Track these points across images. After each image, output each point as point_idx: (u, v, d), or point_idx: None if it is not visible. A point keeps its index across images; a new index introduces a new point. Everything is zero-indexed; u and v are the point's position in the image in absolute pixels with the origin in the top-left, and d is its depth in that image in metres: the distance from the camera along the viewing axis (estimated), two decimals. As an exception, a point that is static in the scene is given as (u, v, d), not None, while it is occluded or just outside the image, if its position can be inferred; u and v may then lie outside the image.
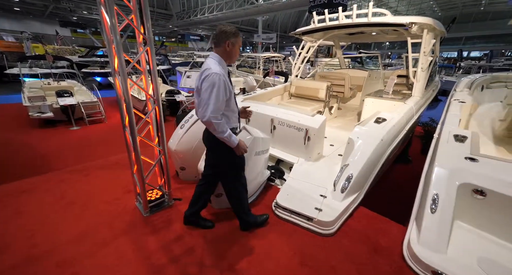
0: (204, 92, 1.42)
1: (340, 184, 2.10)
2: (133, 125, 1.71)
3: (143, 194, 1.94)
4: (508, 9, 24.13)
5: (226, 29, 1.49)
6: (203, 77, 1.43)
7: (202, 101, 1.43)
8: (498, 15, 24.80)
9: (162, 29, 27.79)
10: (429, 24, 3.11)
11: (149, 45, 1.68)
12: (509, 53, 25.75)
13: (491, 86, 4.89)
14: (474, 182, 1.67)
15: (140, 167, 1.84)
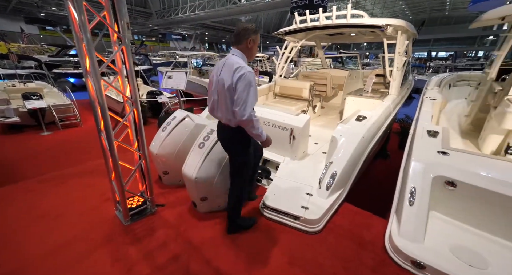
0: (242, 92, 1.38)
1: (325, 181, 2.12)
2: (109, 129, 1.59)
3: (123, 202, 1.82)
4: (468, 14, 26.36)
5: (247, 26, 1.49)
6: (238, 75, 1.38)
7: (239, 100, 1.39)
8: (460, 20, 27.05)
9: (141, 27, 26.65)
10: (403, 26, 3.27)
11: (124, 44, 1.57)
12: (470, 54, 28.12)
13: (457, 84, 5.28)
14: (446, 174, 1.77)
15: (119, 174, 1.72)
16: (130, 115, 1.79)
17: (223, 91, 1.45)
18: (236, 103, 1.41)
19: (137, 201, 2.03)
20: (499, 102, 2.70)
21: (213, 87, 1.55)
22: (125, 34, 1.56)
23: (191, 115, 2.45)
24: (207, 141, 1.95)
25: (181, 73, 2.98)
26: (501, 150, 2.59)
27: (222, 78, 1.45)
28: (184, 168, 1.93)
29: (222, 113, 1.54)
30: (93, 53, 1.44)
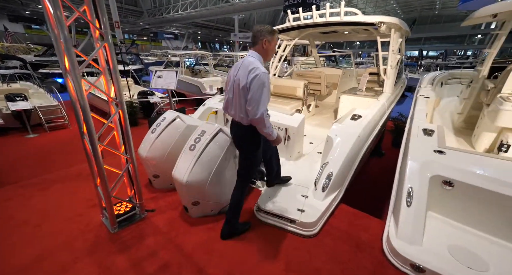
0: (256, 92, 1.44)
1: (320, 183, 2.07)
2: (92, 133, 1.48)
3: (109, 208, 1.72)
4: (458, 13, 26.94)
5: (261, 28, 1.54)
6: (253, 76, 1.44)
7: (252, 100, 1.45)
8: (450, 19, 27.60)
9: (132, 26, 26.11)
10: (396, 24, 3.25)
11: (106, 41, 1.47)
12: (459, 53, 28.76)
13: (449, 82, 5.34)
14: (443, 173, 1.74)
15: (104, 179, 1.62)
16: (115, 117, 1.69)
17: (238, 90, 1.51)
18: (250, 102, 1.46)
19: (125, 207, 1.93)
20: (492, 99, 2.71)
21: (229, 86, 1.61)
22: (107, 30, 1.46)
23: (182, 115, 2.36)
24: (198, 143, 1.87)
25: (171, 73, 2.88)
26: (494, 147, 2.60)
27: (238, 78, 1.51)
28: (175, 172, 1.84)
29: (235, 111, 1.60)
30: (72, 51, 1.33)
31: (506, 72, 2.76)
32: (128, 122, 1.70)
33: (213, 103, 3.47)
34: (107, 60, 1.53)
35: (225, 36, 33.46)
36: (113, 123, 1.74)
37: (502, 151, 2.42)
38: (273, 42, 1.58)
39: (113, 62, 1.51)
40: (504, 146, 2.41)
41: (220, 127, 1.94)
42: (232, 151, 1.95)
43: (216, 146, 1.87)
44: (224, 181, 1.94)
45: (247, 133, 1.62)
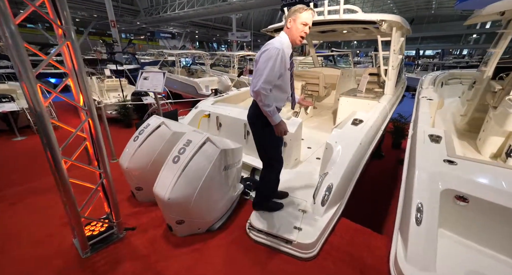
0: (261, 64, 1.43)
1: (320, 196, 1.86)
2: (52, 144, 1.25)
3: (79, 230, 1.48)
4: (454, 13, 26.86)
5: (291, 8, 1.50)
6: (263, 50, 1.44)
7: (256, 72, 1.44)
8: (446, 18, 27.53)
9: (129, 26, 25.62)
10: (398, 22, 3.04)
11: (69, 39, 1.23)
12: (455, 52, 28.72)
13: (449, 82, 5.15)
14: (456, 187, 1.54)
15: (71, 198, 1.39)
16: (86, 126, 1.45)
17: (255, 68, 1.49)
18: (254, 74, 1.45)
19: (100, 226, 1.70)
20: (499, 102, 2.51)
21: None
22: (69, 26, 1.22)
23: (168, 121, 2.13)
24: (182, 154, 1.64)
25: (158, 74, 2.63)
26: (501, 152, 2.41)
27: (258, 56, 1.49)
28: (156, 187, 1.61)
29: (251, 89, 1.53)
30: (22, 51, 1.10)
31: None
32: (100, 132, 1.46)
33: (206, 105, 3.24)
34: (72, 60, 1.29)
35: (222, 36, 33.04)
36: (84, 132, 1.51)
37: (511, 157, 2.23)
38: (298, 20, 1.46)
39: (78, 63, 1.27)
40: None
41: (208, 136, 1.71)
42: (221, 162, 1.73)
43: (203, 158, 1.65)
44: (213, 196, 1.72)
45: (258, 110, 1.54)
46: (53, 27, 1.25)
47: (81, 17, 22.39)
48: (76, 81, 1.30)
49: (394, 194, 3.43)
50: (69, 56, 1.31)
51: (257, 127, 1.64)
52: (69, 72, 1.36)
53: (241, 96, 4.13)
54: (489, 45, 3.00)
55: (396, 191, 3.52)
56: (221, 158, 1.72)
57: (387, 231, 2.37)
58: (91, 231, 1.65)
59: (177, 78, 8.72)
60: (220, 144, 1.74)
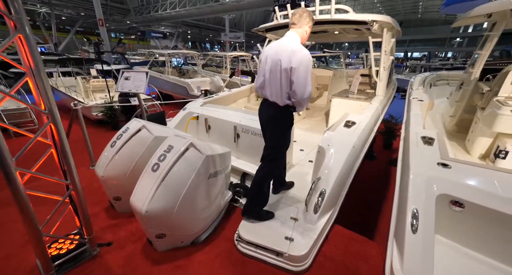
0: (303, 73, 1.46)
1: (312, 202, 1.75)
2: (2, 152, 1.07)
3: (40, 249, 1.29)
4: (438, 17, 27.74)
5: (306, 11, 1.56)
6: (297, 58, 1.44)
7: (300, 81, 1.46)
8: (432, 22, 28.41)
9: (118, 25, 24.91)
10: (389, 23, 2.99)
11: (21, 31, 1.05)
12: (440, 55, 29.67)
13: (437, 83, 5.20)
14: (451, 192, 1.46)
15: (29, 214, 1.20)
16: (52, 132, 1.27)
17: (279, 71, 1.49)
18: (297, 84, 1.47)
19: (70, 243, 1.52)
20: (487, 103, 2.50)
21: (266, 66, 1.57)
22: (21, 17, 1.04)
23: (150, 125, 1.96)
24: (163, 161, 1.48)
25: (140, 74, 2.44)
26: (490, 153, 2.39)
27: (279, 59, 1.48)
28: (133, 199, 1.45)
29: (271, 91, 1.57)
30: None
31: (502, 75, 2.55)
32: (65, 138, 1.28)
33: (195, 107, 3.08)
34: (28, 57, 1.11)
35: (215, 36, 32.71)
36: (48, 139, 1.32)
37: (500, 158, 2.21)
38: (310, 26, 1.60)
39: (35, 60, 1.09)
40: (502, 153, 2.20)
41: (191, 141, 1.56)
42: (207, 169, 1.59)
43: (186, 165, 1.50)
44: (197, 207, 1.58)
45: (280, 113, 1.61)
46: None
47: (67, 15, 21.56)
48: (34, 80, 1.12)
49: (386, 196, 3.38)
50: (24, 52, 1.13)
51: (281, 129, 1.67)
52: (27, 70, 1.18)
53: (232, 97, 3.99)
54: (471, 48, 3.02)
55: (388, 192, 3.48)
56: (207, 165, 1.57)
57: (380, 236, 2.29)
58: (58, 250, 1.46)
59: (167, 78, 8.47)
60: (205, 149, 1.60)
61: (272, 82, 1.53)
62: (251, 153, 2.49)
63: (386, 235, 1.55)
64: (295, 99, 1.51)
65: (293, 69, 1.43)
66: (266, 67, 1.55)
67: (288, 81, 1.48)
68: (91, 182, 2.31)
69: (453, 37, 29.67)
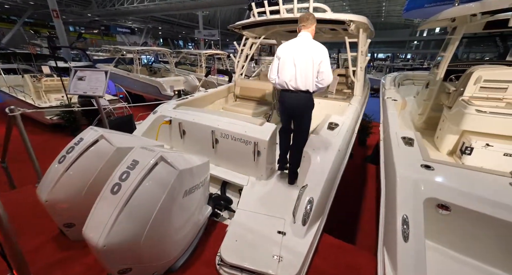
0: (328, 63, 1.87)
1: (300, 213, 1.62)
2: None
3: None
4: (399, 22, 30.28)
5: (312, 15, 1.99)
6: (322, 51, 1.86)
7: (328, 70, 1.88)
8: (393, 26, 30.91)
9: (78, 17, 22.34)
10: (365, 23, 3.01)
11: None
12: (401, 56, 32.47)
13: (404, 83, 5.54)
14: (437, 195, 1.46)
15: None
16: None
17: (310, 64, 1.84)
18: (326, 71, 1.87)
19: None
20: (453, 102, 2.65)
21: (295, 62, 1.87)
22: None
23: (110, 134, 1.64)
24: (125, 180, 1.21)
25: (98, 74, 2.05)
26: (456, 149, 2.54)
27: (310, 55, 1.83)
28: (86, 230, 1.15)
29: (305, 81, 1.88)
30: None
31: (465, 76, 2.73)
32: None
33: (167, 109, 2.76)
34: None
35: (189, 33, 31.32)
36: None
37: (466, 154, 2.34)
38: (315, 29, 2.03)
39: None
40: (468, 149, 2.33)
41: (161, 154, 1.31)
42: (181, 186, 1.35)
43: (155, 184, 1.25)
44: (171, 231, 1.34)
45: (310, 99, 1.99)
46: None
47: (12, 3, 18.58)
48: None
49: (365, 194, 3.46)
50: None
51: (311, 110, 2.04)
52: None
53: (209, 98, 3.72)
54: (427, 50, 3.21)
55: (366, 190, 3.57)
56: (181, 181, 1.34)
57: (365, 240, 2.29)
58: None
59: (136, 77, 7.77)
60: (178, 162, 1.36)
61: (304, 73, 1.86)
62: (231, 160, 2.30)
63: (368, 238, 1.49)
64: (323, 85, 1.92)
65: (322, 62, 1.84)
66: (296, 62, 1.86)
67: (316, 71, 1.86)
68: (35, 204, 1.89)
69: (412, 40, 32.72)
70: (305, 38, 1.90)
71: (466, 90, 2.57)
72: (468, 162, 2.27)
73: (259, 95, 3.92)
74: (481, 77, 2.44)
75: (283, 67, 1.93)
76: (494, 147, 2.21)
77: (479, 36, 6.43)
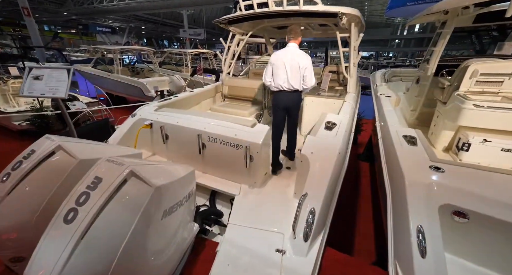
0: (311, 69, 2.28)
1: (301, 226, 1.42)
2: None
3: None
4: (381, 21, 31.15)
5: (297, 26, 2.58)
6: (307, 59, 2.26)
7: (310, 74, 2.29)
8: (376, 25, 31.74)
9: (53, 16, 20.89)
10: (357, 16, 2.87)
11: None
12: (384, 54, 33.47)
13: (392, 79, 5.53)
14: (452, 201, 1.30)
15: None
16: None
17: (298, 69, 2.23)
18: (311, 76, 2.30)
19: None
20: (448, 97, 2.56)
21: (285, 68, 2.23)
22: None
23: (71, 144, 1.34)
24: (84, 204, 0.94)
25: (58, 72, 1.70)
26: (452, 145, 2.45)
27: (297, 62, 2.22)
28: (28, 271, 0.87)
29: (295, 82, 2.25)
30: None
31: (460, 70, 2.65)
32: None
33: (147, 112, 2.47)
34: None
35: (174, 33, 30.36)
36: None
37: (463, 150, 2.25)
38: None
39: None
40: (465, 145, 2.24)
41: (131, 168, 1.05)
42: (158, 206, 1.10)
43: (123, 207, 0.99)
44: (146, 260, 1.08)
45: (300, 95, 2.41)
46: None
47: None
48: None
49: (360, 194, 3.34)
50: None
51: (299, 108, 2.51)
52: None
53: (194, 98, 3.43)
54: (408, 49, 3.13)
55: (361, 189, 3.45)
56: (158, 201, 1.08)
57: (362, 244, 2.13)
58: None
59: (118, 78, 7.27)
60: (155, 176, 1.10)
61: (294, 76, 2.22)
62: (220, 166, 2.06)
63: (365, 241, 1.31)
64: (307, 87, 2.32)
65: (307, 68, 2.24)
66: (286, 68, 2.21)
67: (302, 75, 2.25)
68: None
69: (393, 39, 33.81)
70: (294, 48, 2.26)
71: (462, 85, 2.48)
72: (466, 158, 2.18)
73: (249, 94, 3.69)
74: (477, 70, 2.35)
75: (277, 72, 2.25)
76: (492, 143, 2.13)
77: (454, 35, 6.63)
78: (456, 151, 2.31)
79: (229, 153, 1.95)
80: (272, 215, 1.67)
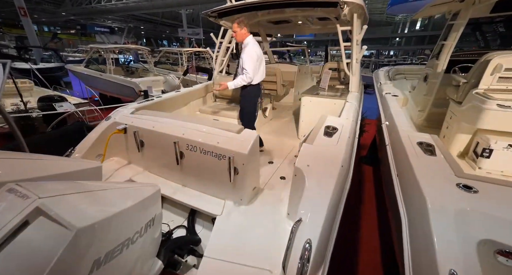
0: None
1: (293, 264, 1.08)
2: None
3: None
4: (381, 19, 30.60)
5: None
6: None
7: None
8: (376, 23, 31.22)
9: (52, 16, 20.59)
10: (360, 6, 2.51)
11: None
12: (384, 53, 32.93)
13: (395, 78, 5.15)
14: (495, 236, 0.97)
15: None
16: None
17: None
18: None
19: None
20: (464, 96, 2.21)
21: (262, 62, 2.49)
22: None
23: None
24: None
25: None
26: (469, 150, 2.10)
27: None
28: None
29: None
30: None
31: (479, 65, 2.29)
32: None
33: (123, 115, 2.14)
34: None
35: (173, 32, 29.97)
36: None
37: (484, 157, 1.89)
38: None
39: None
40: (486, 151, 1.89)
41: (38, 203, 0.70)
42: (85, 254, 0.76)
43: (16, 266, 0.65)
44: None
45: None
46: None
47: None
48: None
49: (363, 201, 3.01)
50: None
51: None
52: None
53: (182, 99, 3.09)
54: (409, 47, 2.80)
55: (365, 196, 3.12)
56: (84, 247, 0.74)
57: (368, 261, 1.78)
58: None
59: (110, 78, 6.96)
60: (84, 211, 0.77)
61: None
62: (201, 179, 1.73)
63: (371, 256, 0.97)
64: None
65: None
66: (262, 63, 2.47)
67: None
68: None
69: (394, 37, 33.30)
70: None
71: (481, 82, 2.12)
72: (486, 166, 1.84)
73: (242, 94, 3.35)
74: (502, 65, 1.99)
75: (260, 67, 2.45)
76: None
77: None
78: (473, 158, 1.97)
79: (211, 164, 1.62)
80: (259, 244, 1.33)
